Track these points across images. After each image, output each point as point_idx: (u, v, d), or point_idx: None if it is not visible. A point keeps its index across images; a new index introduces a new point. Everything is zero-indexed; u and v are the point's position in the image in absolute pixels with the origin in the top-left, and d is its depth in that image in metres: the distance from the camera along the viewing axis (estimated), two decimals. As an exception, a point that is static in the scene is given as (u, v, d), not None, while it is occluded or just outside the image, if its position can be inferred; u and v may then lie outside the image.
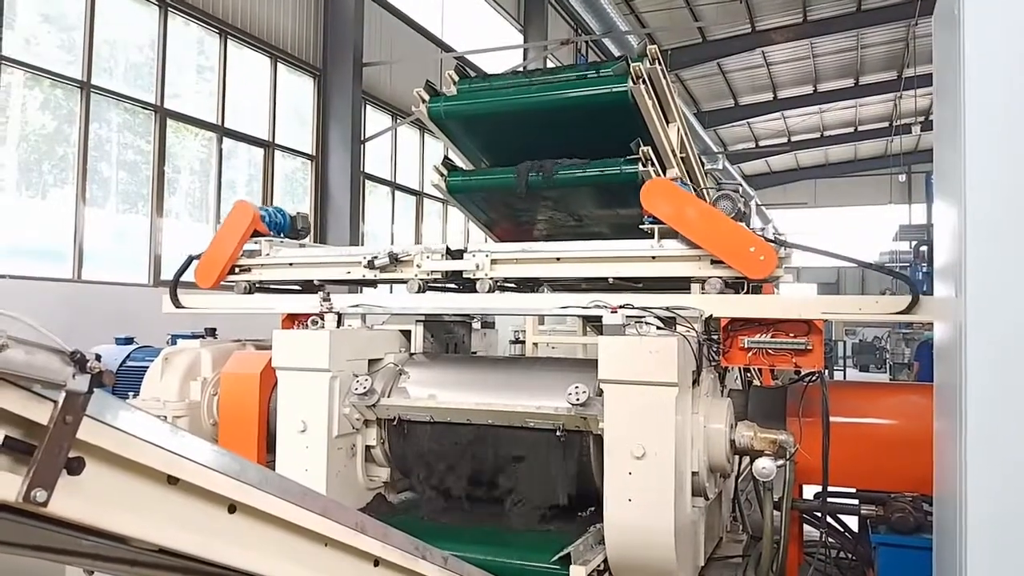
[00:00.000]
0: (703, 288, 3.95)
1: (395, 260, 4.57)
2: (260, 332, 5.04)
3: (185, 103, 11.00)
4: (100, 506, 1.39)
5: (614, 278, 4.21)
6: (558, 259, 4.29)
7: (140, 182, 10.33)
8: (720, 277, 3.91)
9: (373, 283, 5.11)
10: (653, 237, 4.07)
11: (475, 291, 4.36)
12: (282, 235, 5.21)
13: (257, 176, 12.47)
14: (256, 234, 5.03)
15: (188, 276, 5.17)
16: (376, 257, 4.59)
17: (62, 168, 9.27)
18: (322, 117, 13.48)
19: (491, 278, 4.34)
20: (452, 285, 4.74)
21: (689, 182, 4.99)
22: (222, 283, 5.07)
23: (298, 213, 5.42)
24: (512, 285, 4.75)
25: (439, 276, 4.55)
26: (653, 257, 4.09)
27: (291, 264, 4.96)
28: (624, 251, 4.18)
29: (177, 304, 5.11)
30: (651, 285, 4.32)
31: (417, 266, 4.51)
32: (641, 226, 4.14)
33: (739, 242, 3.83)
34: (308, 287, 5.04)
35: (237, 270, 5.04)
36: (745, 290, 3.99)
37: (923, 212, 35.03)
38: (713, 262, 3.93)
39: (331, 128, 13.41)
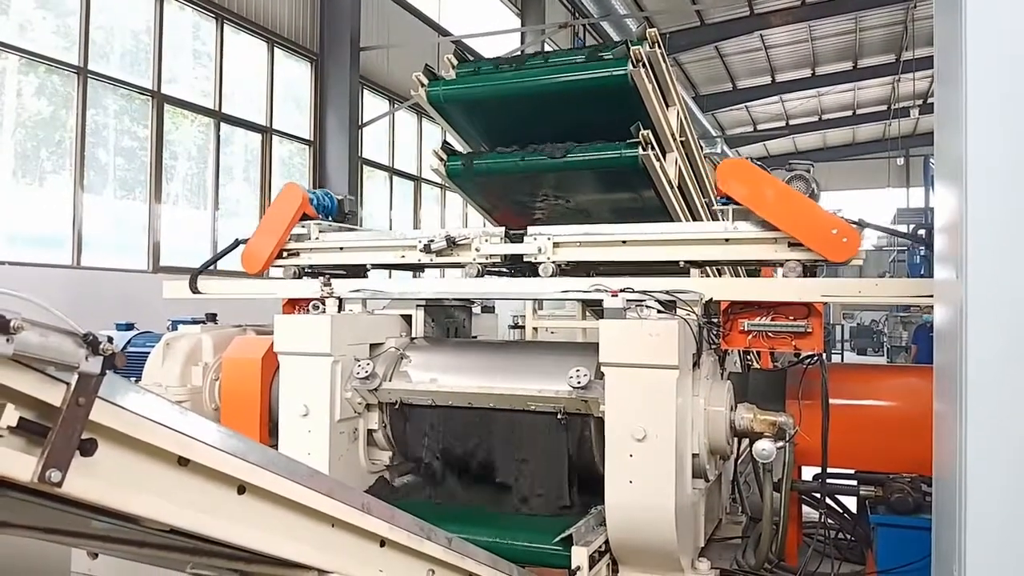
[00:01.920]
0: (781, 271, 3.85)
1: (452, 244, 4.46)
2: (261, 318, 5.05)
3: (182, 89, 10.96)
4: (112, 486, 1.41)
5: (685, 262, 4.10)
6: (624, 242, 4.20)
7: (138, 168, 10.31)
8: (799, 260, 3.81)
9: (428, 267, 4.99)
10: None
11: (536, 275, 4.27)
12: (330, 218, 5.10)
13: (255, 162, 12.45)
14: (305, 217, 4.91)
15: (182, 261, 5.16)
16: (432, 240, 4.49)
17: (59, 155, 9.25)
18: (319, 102, 13.44)
19: (554, 262, 4.24)
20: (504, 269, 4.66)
21: (689, 166, 5.00)
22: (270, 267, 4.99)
23: (345, 196, 5.31)
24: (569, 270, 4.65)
25: (498, 260, 4.47)
26: (727, 240, 3.99)
27: (342, 248, 4.86)
28: (696, 233, 4.11)
29: (195, 290, 5.02)
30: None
31: (476, 250, 4.42)
32: (718, 207, 4.05)
33: (821, 224, 3.73)
34: (357, 272, 4.94)
35: (285, 254, 4.94)
36: (825, 274, 3.88)
37: (921, 195, 35.00)
38: (791, 244, 3.82)
39: (329, 113, 13.38)
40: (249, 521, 1.73)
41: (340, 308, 4.33)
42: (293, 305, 4.78)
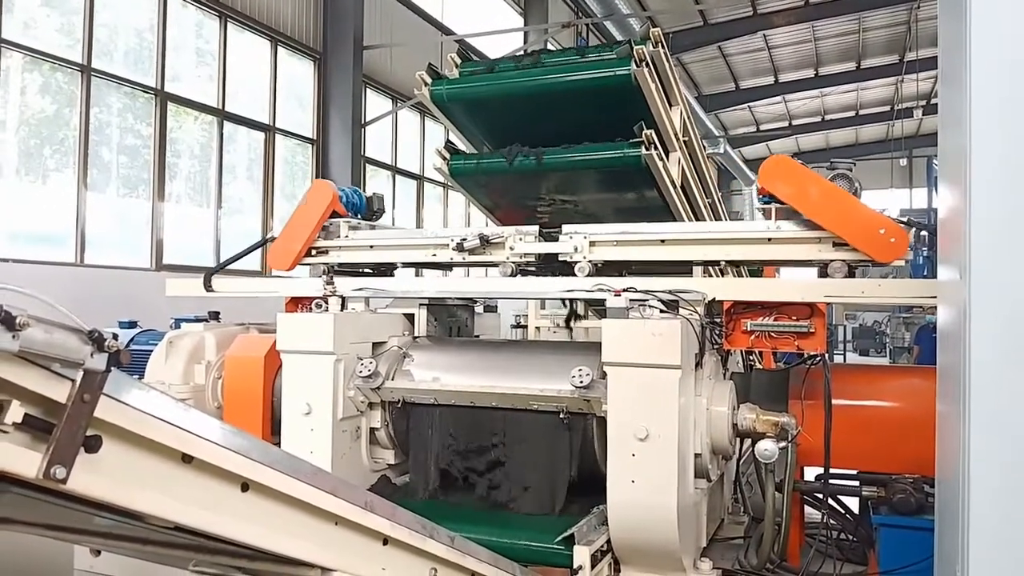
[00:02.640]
0: (825, 272, 3.77)
1: (486, 242, 4.37)
2: (264, 316, 5.05)
3: (185, 87, 10.98)
4: (117, 483, 1.41)
5: (725, 261, 4.04)
6: (663, 241, 4.13)
7: (141, 166, 10.33)
8: (844, 260, 3.74)
9: (460, 266, 4.90)
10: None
11: (572, 274, 4.17)
12: (359, 216, 5.04)
13: (258, 160, 12.46)
14: (335, 215, 4.84)
15: (185, 259, 5.16)
16: (465, 239, 4.41)
17: (63, 152, 9.26)
18: (322, 101, 13.46)
19: (590, 261, 4.16)
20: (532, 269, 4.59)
21: (692, 166, 4.99)
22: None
23: (374, 194, 5.26)
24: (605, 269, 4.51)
25: (532, 259, 4.38)
26: (769, 239, 3.93)
27: (371, 246, 4.81)
28: (737, 233, 4.04)
29: (209, 288, 4.96)
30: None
31: (510, 248, 4.35)
32: (761, 206, 3.97)
33: (868, 223, 3.64)
34: (386, 270, 4.88)
35: (314, 252, 4.88)
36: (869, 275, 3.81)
37: (924, 196, 34.97)
38: (836, 244, 3.75)
39: (331, 112, 13.40)
40: (252, 518, 1.73)
41: (343, 306, 4.33)
42: (296, 303, 4.78)
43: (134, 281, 9.30)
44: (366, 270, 4.99)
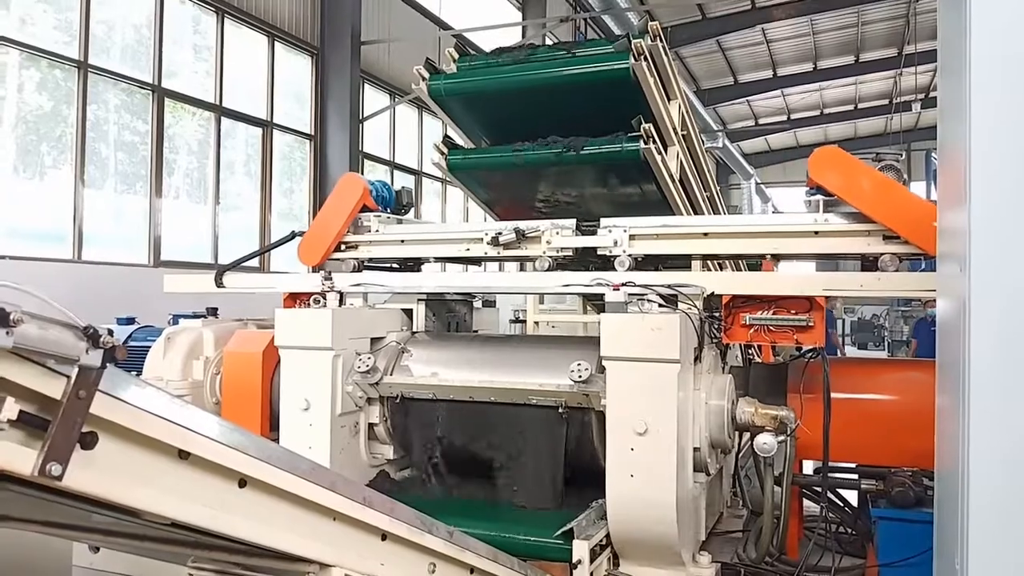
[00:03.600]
0: (876, 265, 3.69)
1: (521, 236, 4.30)
2: (262, 312, 5.04)
3: (183, 83, 10.96)
4: (113, 480, 1.41)
5: (771, 255, 3.97)
6: (705, 234, 4.08)
7: (138, 163, 10.31)
8: (895, 253, 3.68)
9: (495, 260, 4.82)
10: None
11: (613, 269, 4.07)
12: (388, 210, 4.96)
13: (256, 156, 12.44)
14: (365, 209, 4.77)
15: (183, 255, 5.15)
16: (501, 233, 4.35)
17: (60, 149, 9.25)
18: (320, 96, 13.43)
19: (630, 255, 4.09)
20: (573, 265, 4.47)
21: (691, 159, 4.98)
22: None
23: (403, 187, 5.19)
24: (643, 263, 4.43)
25: (570, 253, 4.31)
26: (816, 232, 3.87)
27: (403, 241, 4.75)
28: (783, 225, 3.98)
29: (220, 285, 4.92)
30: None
31: (546, 242, 4.28)
32: (808, 198, 3.90)
33: (921, 215, 3.55)
34: (414, 265, 4.80)
35: (343, 247, 4.83)
36: (923, 268, 3.74)
37: (923, 190, 34.94)
38: (886, 237, 3.70)
39: (329, 107, 13.37)
40: (250, 515, 1.73)
41: (341, 302, 4.33)
42: (294, 299, 4.78)
43: (132, 277, 9.29)
44: (394, 265, 4.93)
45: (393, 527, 2.17)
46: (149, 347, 4.92)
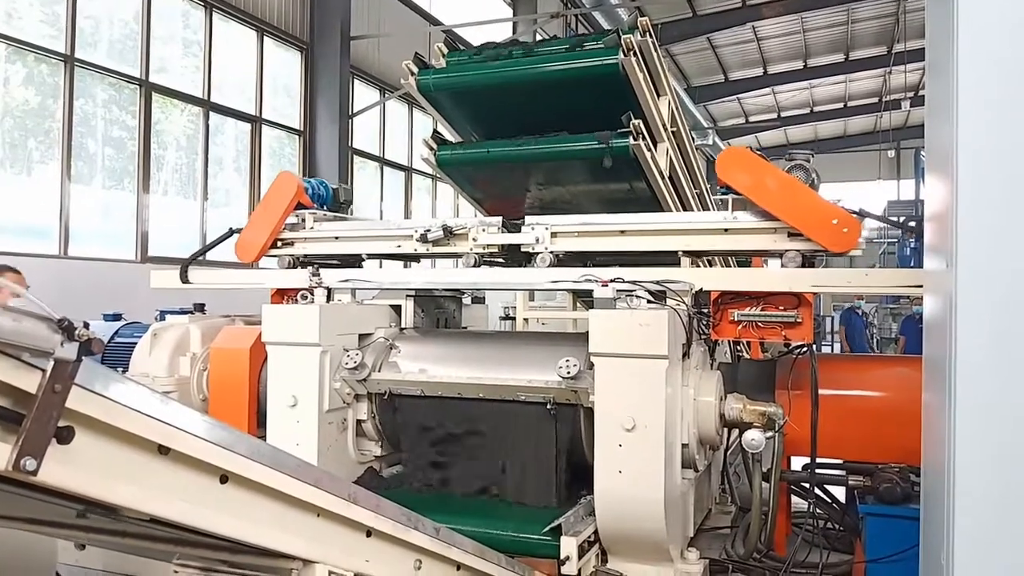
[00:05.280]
0: (781, 262, 3.80)
1: (449, 233, 4.39)
2: (249, 308, 5.02)
3: (171, 78, 10.88)
4: (90, 475, 1.39)
5: (684, 252, 4.05)
6: (622, 232, 4.15)
7: (126, 158, 10.24)
8: (798, 250, 3.77)
9: (424, 257, 4.92)
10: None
11: (532, 265, 4.20)
12: (325, 207, 5.02)
13: (244, 152, 12.38)
14: (300, 206, 4.83)
15: (171, 251, 5.12)
16: (429, 230, 4.42)
17: (47, 144, 9.17)
18: (309, 91, 13.38)
19: (552, 252, 4.18)
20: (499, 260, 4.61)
21: (680, 156, 4.98)
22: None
23: (340, 185, 5.24)
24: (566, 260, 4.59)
25: (495, 250, 4.39)
26: (726, 230, 3.96)
27: (336, 238, 4.79)
28: (695, 223, 4.07)
29: (185, 280, 4.94)
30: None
31: (473, 239, 4.36)
32: (718, 196, 4.01)
33: (822, 214, 3.69)
34: (352, 262, 4.86)
35: (280, 244, 4.86)
36: (824, 264, 3.86)
37: (912, 188, 35.13)
38: (791, 235, 3.79)
39: (319, 103, 13.31)
40: (232, 511, 1.71)
41: (329, 298, 4.30)
42: (281, 295, 4.75)
43: (119, 273, 9.22)
44: (334, 262, 4.97)
45: (378, 523, 2.15)
46: (135, 343, 4.90)
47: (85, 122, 9.62)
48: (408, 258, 5.05)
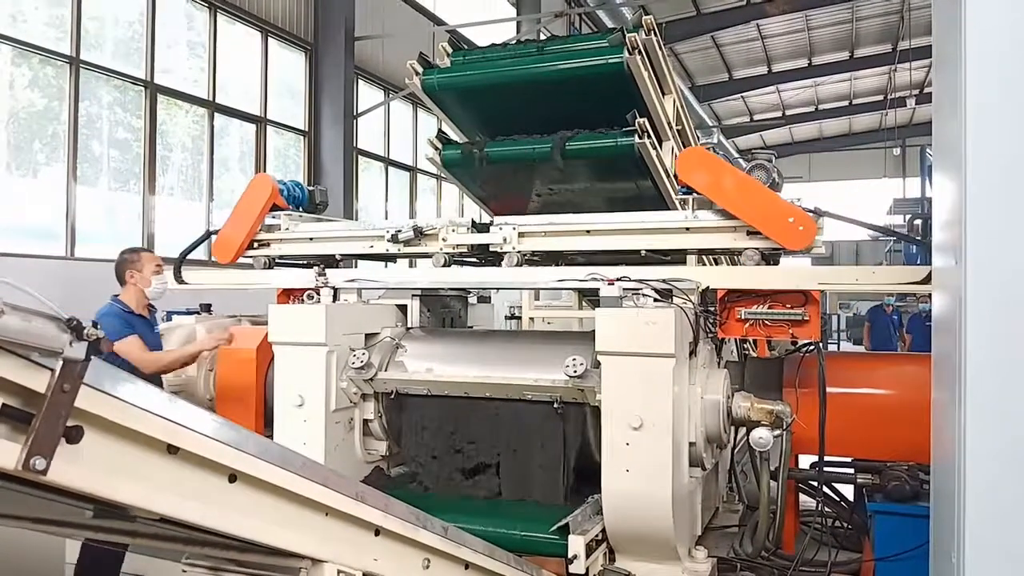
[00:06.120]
0: (740, 260, 3.87)
1: (420, 234, 4.48)
2: (256, 308, 5.02)
3: (176, 79, 10.89)
4: (99, 474, 1.39)
5: (647, 251, 4.11)
6: (588, 231, 4.21)
7: (132, 160, 10.25)
8: (757, 248, 3.84)
9: (397, 257, 5.00)
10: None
11: (501, 265, 4.27)
12: (300, 209, 5.11)
13: (249, 153, 12.39)
14: (275, 208, 4.93)
15: (177, 253, 5.13)
16: (400, 231, 4.51)
17: (53, 146, 9.20)
18: (314, 92, 13.38)
19: (519, 252, 4.25)
20: (473, 259, 4.66)
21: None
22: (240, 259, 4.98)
23: (316, 187, 5.34)
24: (537, 259, 4.66)
25: (465, 250, 4.46)
26: (687, 229, 4.01)
27: (311, 239, 4.87)
28: (657, 222, 4.11)
29: (180, 280, 5.00)
30: (678, 258, 4.26)
31: (443, 240, 4.42)
32: (680, 196, 4.06)
33: (777, 212, 3.76)
34: (328, 262, 4.90)
35: (256, 245, 4.95)
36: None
37: (918, 186, 35.00)
38: (749, 233, 3.85)
39: (323, 103, 13.32)
40: (241, 510, 1.71)
41: (335, 298, 4.31)
42: (288, 295, 4.76)
43: (126, 275, 9.22)
44: (312, 262, 5.01)
45: (387, 522, 2.15)
46: (142, 344, 4.89)
47: (90, 124, 9.64)
48: (380, 258, 5.14)
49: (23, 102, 8.98)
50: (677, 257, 4.20)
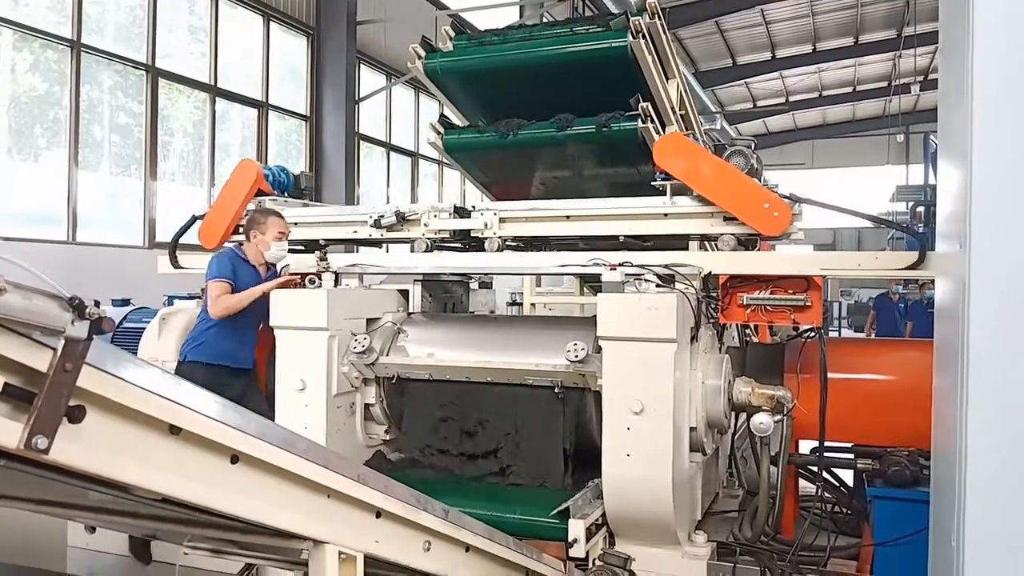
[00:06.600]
0: (716, 245, 3.91)
1: (402, 219, 4.54)
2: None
3: (177, 63, 10.86)
4: (102, 454, 1.39)
5: (625, 236, 4.15)
6: (568, 217, 4.25)
7: (133, 144, 10.24)
8: (733, 234, 3.89)
9: (380, 242, 5.04)
10: (663, 194, 4.02)
11: (483, 250, 4.32)
12: (286, 194, 5.14)
13: (251, 138, 12.37)
14: (260, 193, 4.95)
15: (188, 238, 5.14)
16: (383, 216, 4.56)
17: (54, 131, 9.18)
18: (316, 77, 13.34)
19: (500, 237, 4.29)
20: (458, 245, 4.67)
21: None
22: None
23: (301, 172, 5.37)
24: (520, 245, 4.69)
25: (447, 235, 4.50)
26: (665, 214, 4.05)
27: (296, 224, 4.88)
28: (635, 208, 4.14)
29: (175, 264, 5.03)
30: (661, 244, 4.27)
31: (424, 225, 4.47)
32: (653, 183, 4.09)
33: (753, 198, 3.80)
34: (312, 247, 4.95)
35: (240, 230, 4.93)
36: (756, 247, 3.97)
37: (921, 173, 34.89)
38: (726, 219, 3.89)
39: (325, 88, 13.28)
40: (243, 491, 1.71)
41: (336, 282, 4.30)
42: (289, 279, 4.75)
43: (127, 259, 9.24)
44: (298, 247, 5.06)
45: (388, 504, 2.15)
46: (144, 328, 4.91)
47: (91, 108, 9.62)
48: (363, 243, 5.14)
49: (24, 86, 8.96)
50: (679, 244, 4.19)
